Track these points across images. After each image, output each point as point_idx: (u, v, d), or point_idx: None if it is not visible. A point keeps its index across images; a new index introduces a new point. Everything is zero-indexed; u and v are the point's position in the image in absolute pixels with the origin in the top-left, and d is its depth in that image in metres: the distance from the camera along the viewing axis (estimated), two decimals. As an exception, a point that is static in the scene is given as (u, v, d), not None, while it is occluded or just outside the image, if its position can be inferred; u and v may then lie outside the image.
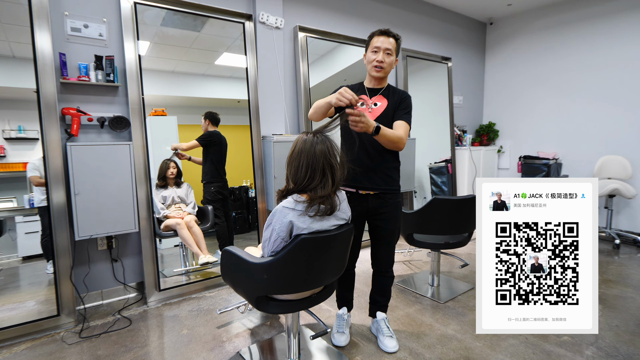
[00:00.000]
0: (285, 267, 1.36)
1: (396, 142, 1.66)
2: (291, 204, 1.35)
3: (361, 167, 1.77)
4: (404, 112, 1.77)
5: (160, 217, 2.65)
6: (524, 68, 4.75)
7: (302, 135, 1.44)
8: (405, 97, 1.81)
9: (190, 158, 2.84)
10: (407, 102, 1.80)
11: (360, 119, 1.49)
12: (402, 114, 1.77)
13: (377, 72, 1.75)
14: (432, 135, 4.40)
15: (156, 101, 2.61)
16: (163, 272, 2.67)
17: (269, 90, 3.07)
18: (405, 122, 1.75)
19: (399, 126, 1.73)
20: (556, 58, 4.45)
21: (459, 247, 2.55)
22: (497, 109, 5.06)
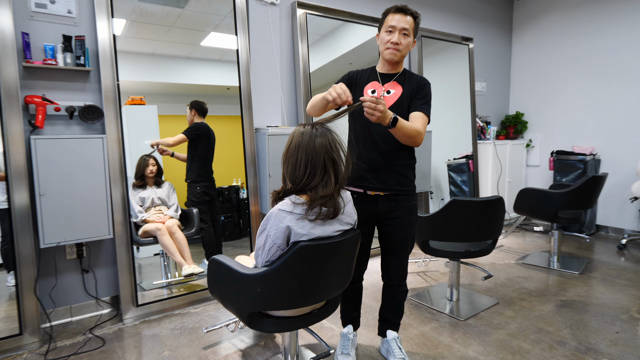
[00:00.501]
0: (281, 278, 1.36)
1: (414, 137, 1.65)
2: (288, 207, 1.35)
3: (371, 164, 1.76)
4: (422, 102, 1.76)
5: (138, 222, 2.65)
6: (557, 50, 4.73)
7: (299, 127, 1.43)
8: (424, 85, 1.79)
9: (173, 154, 2.84)
10: (425, 90, 1.78)
11: (377, 107, 1.47)
12: (420, 104, 1.75)
13: (392, 55, 1.74)
14: (450, 128, 4.39)
15: (133, 88, 2.60)
16: (141, 284, 2.66)
17: (263, 76, 3.07)
18: (424, 114, 1.74)
19: (416, 118, 1.71)
20: (595, 38, 4.43)
21: (481, 256, 2.55)
22: (526, 97, 5.05)
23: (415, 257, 3.60)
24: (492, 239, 2.49)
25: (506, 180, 4.64)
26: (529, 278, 3.16)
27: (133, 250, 2.51)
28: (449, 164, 4.39)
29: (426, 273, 3.28)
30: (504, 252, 3.84)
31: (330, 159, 1.38)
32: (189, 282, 2.81)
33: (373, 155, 1.77)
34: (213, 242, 2.91)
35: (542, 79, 4.87)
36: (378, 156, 1.77)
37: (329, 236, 1.40)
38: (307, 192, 1.37)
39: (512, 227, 4.16)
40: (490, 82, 4.93)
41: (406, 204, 1.82)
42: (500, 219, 2.43)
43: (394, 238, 1.84)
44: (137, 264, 2.67)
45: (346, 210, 1.47)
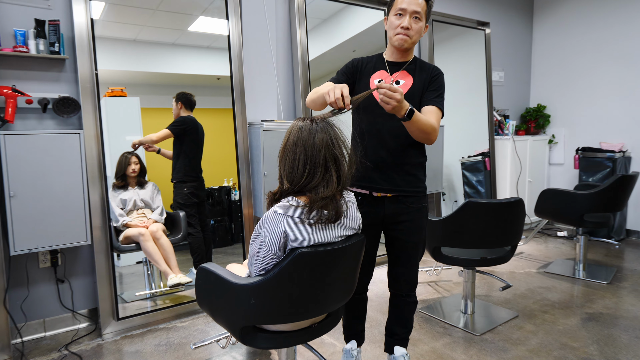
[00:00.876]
0: (277, 289, 1.36)
1: (429, 134, 1.65)
2: (285, 209, 1.35)
3: (377, 163, 1.76)
4: (436, 95, 1.75)
5: (119, 226, 2.65)
6: (583, 35, 4.73)
7: (297, 121, 1.43)
8: (437, 75, 1.79)
9: (159, 150, 2.84)
10: (439, 82, 1.78)
11: (394, 95, 1.46)
12: (434, 97, 1.75)
13: (402, 41, 1.74)
14: (465, 122, 4.39)
15: (113, 78, 2.60)
16: (122, 295, 2.66)
17: (257, 65, 3.07)
18: (437, 108, 1.73)
19: (429, 113, 1.71)
20: (625, 20, 4.43)
21: (499, 265, 2.55)
22: (548, 88, 5.05)
23: (426, 265, 3.60)
24: (511, 245, 2.49)
25: (526, 180, 4.64)
26: (551, 288, 3.16)
27: (113, 257, 2.51)
28: (463, 163, 4.39)
29: (438, 283, 3.28)
30: (524, 260, 3.84)
31: (331, 157, 1.37)
32: (175, 293, 2.81)
33: (380, 152, 1.77)
34: (202, 248, 2.91)
35: (566, 67, 4.88)
36: (385, 153, 1.77)
37: (330, 242, 1.40)
38: (306, 193, 1.37)
39: (533, 232, 4.16)
40: (508, 71, 4.93)
41: (416, 206, 1.82)
42: (519, 223, 2.43)
43: (402, 244, 1.84)
44: (118, 273, 2.67)
45: (349, 214, 1.47)
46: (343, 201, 1.43)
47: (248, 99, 2.99)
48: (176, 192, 2.88)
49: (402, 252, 1.86)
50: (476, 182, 4.36)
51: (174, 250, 2.72)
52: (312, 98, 1.74)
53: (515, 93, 5.05)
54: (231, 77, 2.90)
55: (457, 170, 4.40)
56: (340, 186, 1.40)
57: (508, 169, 4.46)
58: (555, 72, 4.97)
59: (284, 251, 1.36)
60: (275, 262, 1.36)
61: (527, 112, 5.07)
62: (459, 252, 2.56)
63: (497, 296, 3.01)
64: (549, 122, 5.01)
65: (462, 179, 4.39)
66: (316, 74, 3.26)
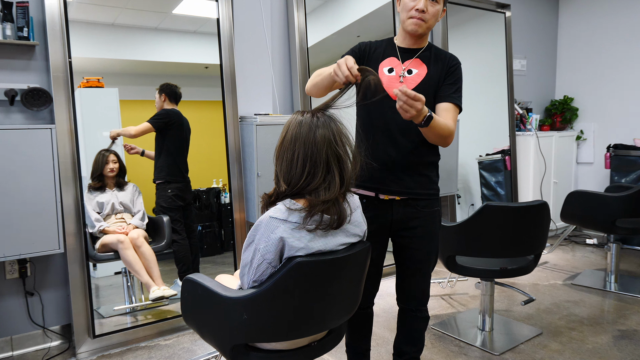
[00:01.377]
0: (273, 303, 1.36)
1: (445, 137, 1.67)
2: (282, 213, 1.35)
3: (384, 161, 1.76)
4: (454, 90, 1.76)
5: (95, 233, 2.65)
6: (615, 18, 4.73)
7: (295, 115, 1.43)
8: (455, 66, 1.79)
9: (144, 152, 2.85)
10: (457, 74, 1.78)
11: (415, 105, 1.46)
12: (451, 93, 1.75)
13: (416, 26, 1.73)
14: (482, 116, 4.39)
15: (89, 67, 2.61)
16: (99, 310, 2.67)
17: (250, 52, 3.07)
18: (455, 106, 1.74)
19: (446, 111, 1.72)
20: (660, 5, 4.43)
21: (521, 276, 2.55)
22: (576, 78, 5.06)
23: (439, 277, 3.60)
24: (534, 253, 2.50)
25: (551, 181, 4.65)
26: (579, 302, 3.16)
27: (89, 268, 2.51)
28: (480, 162, 4.39)
29: (452, 296, 3.29)
30: (549, 271, 3.84)
31: (334, 155, 1.38)
32: (159, 307, 2.82)
33: (387, 149, 1.77)
34: (188, 257, 2.91)
35: (597, 55, 4.88)
36: (394, 151, 1.77)
37: (331, 250, 1.40)
38: (305, 196, 1.37)
39: (559, 239, 4.17)
40: (531, 59, 4.94)
41: (428, 210, 1.82)
42: (544, 229, 2.43)
43: (412, 253, 1.84)
44: (94, 285, 2.67)
45: (353, 219, 1.47)
46: (346, 205, 1.43)
47: (240, 90, 3.00)
48: (159, 194, 2.88)
49: (411, 262, 1.86)
50: (495, 184, 4.37)
51: (156, 260, 2.72)
52: (314, 81, 1.74)
53: (538, 83, 5.05)
54: (221, 66, 2.91)
55: (473, 170, 4.40)
56: (344, 188, 1.40)
57: (531, 168, 4.46)
58: (584, 60, 4.98)
59: (280, 260, 1.36)
60: (271, 273, 1.37)
61: (552, 104, 5.07)
62: (475, 262, 2.56)
63: (518, 311, 3.01)
64: (576, 116, 5.01)
65: (479, 180, 4.40)
66: (316, 62, 3.26)
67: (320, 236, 1.38)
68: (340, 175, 1.39)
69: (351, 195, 1.51)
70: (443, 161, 1.97)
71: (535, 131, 4.49)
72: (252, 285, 1.39)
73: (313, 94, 1.79)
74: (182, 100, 2.90)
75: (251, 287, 1.39)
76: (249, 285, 1.40)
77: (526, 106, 4.76)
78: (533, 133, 4.46)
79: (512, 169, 4.42)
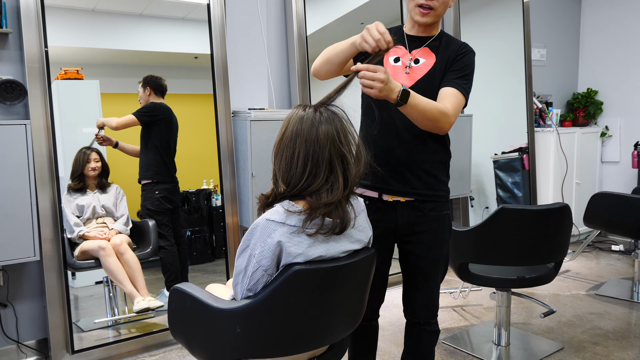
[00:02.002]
0: (269, 315, 1.36)
1: (436, 121, 1.65)
2: (280, 216, 1.35)
3: (389, 159, 1.77)
4: (458, 75, 1.75)
5: (75, 238, 2.66)
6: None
7: (296, 109, 1.43)
8: (464, 53, 1.79)
9: (117, 144, 2.83)
10: (465, 60, 1.78)
11: (376, 76, 1.45)
12: (454, 78, 1.75)
13: (424, 16, 1.74)
14: (498, 111, 4.39)
15: (67, 57, 2.61)
16: (78, 323, 2.66)
17: (243, 40, 3.07)
18: (458, 92, 1.73)
19: (446, 96, 1.71)
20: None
21: (540, 285, 2.55)
22: (601, 69, 5.06)
23: (450, 286, 3.60)
24: (555, 261, 2.50)
25: (574, 181, 4.65)
26: (604, 315, 3.16)
27: (67, 277, 2.51)
28: (495, 161, 4.39)
29: (465, 308, 3.29)
30: (571, 280, 3.84)
31: (338, 154, 1.38)
32: (144, 320, 2.81)
33: (392, 146, 1.77)
34: (176, 265, 2.91)
35: (623, 43, 4.88)
36: (399, 148, 1.77)
37: (333, 257, 1.40)
38: (305, 198, 1.38)
39: (582, 245, 4.17)
40: (552, 48, 4.94)
41: (436, 213, 1.83)
42: (565, 234, 2.44)
43: (419, 260, 1.85)
44: (73, 296, 2.67)
45: (357, 223, 1.48)
46: (350, 208, 1.43)
47: (232, 83, 3.00)
48: (145, 195, 2.88)
49: (419, 270, 1.86)
50: (512, 185, 4.37)
51: (141, 268, 2.72)
52: (327, 56, 1.72)
53: (560, 75, 5.05)
54: (212, 56, 2.91)
55: (488, 169, 4.40)
56: (348, 190, 1.40)
57: (551, 168, 4.47)
58: (609, 49, 4.98)
59: (277, 268, 1.37)
60: (267, 282, 1.37)
61: (574, 98, 5.08)
62: (490, 270, 2.56)
63: (537, 324, 3.01)
64: (601, 110, 5.02)
65: (494, 181, 4.40)
66: (315, 52, 3.25)
67: (321, 242, 1.38)
68: (344, 176, 1.39)
69: (355, 198, 1.51)
70: (454, 160, 1.98)
71: (555, 127, 4.50)
72: (246, 296, 1.39)
73: (321, 74, 1.78)
74: (169, 93, 2.90)
75: (245, 297, 1.39)
76: (242, 295, 1.40)
77: (546, 100, 4.76)
78: (553, 129, 4.46)
79: (530, 168, 4.42)
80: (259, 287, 1.38)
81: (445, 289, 3.51)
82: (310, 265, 1.34)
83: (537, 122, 4.60)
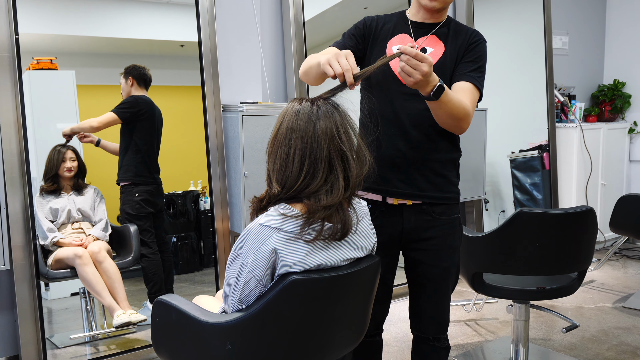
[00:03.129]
0: (263, 330, 1.36)
1: (460, 120, 1.66)
2: (275, 221, 1.35)
3: (393, 158, 1.77)
4: (473, 68, 1.76)
5: (48, 245, 2.65)
6: (674, -12, 4.74)
7: (292, 103, 1.43)
8: (477, 42, 1.80)
9: (99, 142, 2.84)
10: (479, 51, 1.79)
11: (420, 67, 1.43)
12: (469, 71, 1.76)
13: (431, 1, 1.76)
14: (515, 105, 4.40)
15: (40, 45, 2.61)
16: (52, 339, 2.66)
17: (234, 27, 3.07)
18: (474, 87, 1.74)
19: (463, 92, 1.72)
20: None
21: (561, 297, 2.55)
22: (629, 59, 5.06)
23: (463, 298, 3.60)
24: (578, 270, 2.50)
25: (599, 182, 4.65)
26: (632, 329, 3.16)
27: (40, 288, 2.51)
28: (512, 160, 4.40)
29: (478, 322, 3.29)
30: (596, 291, 3.84)
31: (337, 152, 1.38)
32: (124, 335, 2.81)
33: (397, 144, 1.78)
34: (160, 275, 2.91)
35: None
36: (405, 146, 1.78)
37: (333, 266, 1.40)
38: (303, 200, 1.38)
39: (608, 253, 4.17)
40: (575, 35, 4.94)
41: (446, 218, 1.83)
42: (589, 240, 2.44)
43: (428, 269, 1.85)
44: (46, 309, 2.67)
45: (360, 229, 1.48)
46: (352, 211, 1.44)
47: (222, 74, 3.00)
48: (125, 198, 2.88)
49: (427, 281, 1.86)
50: (530, 186, 4.37)
51: (121, 278, 2.72)
52: (304, 69, 1.74)
53: (583, 65, 5.06)
54: (199, 44, 2.91)
55: (504, 169, 4.41)
56: (349, 191, 1.41)
57: (574, 167, 4.47)
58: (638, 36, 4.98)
59: (271, 278, 1.37)
60: (260, 293, 1.37)
61: (599, 90, 5.08)
62: (507, 281, 2.56)
63: (558, 340, 3.01)
64: (629, 104, 5.02)
65: (511, 182, 4.40)
66: (314, 40, 3.27)
67: (320, 249, 1.38)
68: (345, 176, 1.39)
69: (358, 201, 1.52)
70: (467, 159, 1.98)
71: (579, 122, 4.50)
72: (237, 309, 1.39)
73: (307, 82, 1.80)
74: (153, 85, 2.91)
75: (237, 310, 1.39)
76: (234, 308, 1.40)
77: (568, 92, 4.77)
78: (577, 125, 4.47)
79: (551, 168, 4.43)
80: (252, 299, 1.37)
81: (457, 301, 3.51)
82: (309, 275, 1.34)
83: (558, 117, 4.60)
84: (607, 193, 4.72)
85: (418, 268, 1.87)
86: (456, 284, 1.93)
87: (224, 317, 1.39)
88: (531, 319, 3.21)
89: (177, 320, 1.47)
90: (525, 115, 4.49)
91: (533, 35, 4.46)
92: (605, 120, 4.92)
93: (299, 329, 1.39)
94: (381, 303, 1.90)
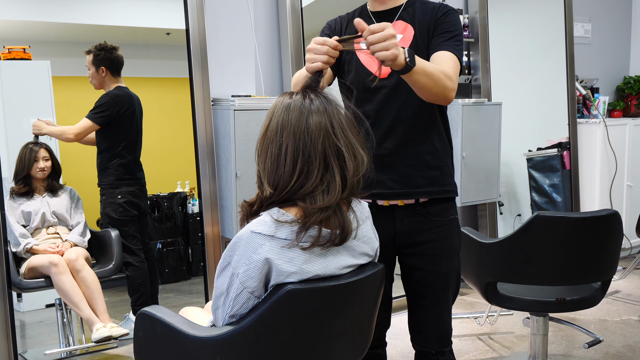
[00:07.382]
0: (256, 344, 1.36)
1: (443, 86, 1.65)
2: (268, 228, 1.35)
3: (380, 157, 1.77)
4: (447, 37, 1.78)
5: (21, 252, 2.65)
6: None
7: (282, 97, 1.43)
8: (445, 13, 1.82)
9: None
10: (449, 21, 1.81)
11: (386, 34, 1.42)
12: (444, 41, 1.78)
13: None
14: (532, 99, 4.40)
15: (12, 33, 2.61)
16: (25, 355, 2.66)
17: (225, 13, 3.07)
18: (453, 55, 1.76)
19: (442, 60, 1.74)
20: None
21: (583, 309, 2.55)
22: (656, 49, 5.05)
23: (475, 310, 3.60)
24: (602, 280, 2.49)
25: (624, 183, 4.65)
26: (661, 344, 3.16)
27: (12, 299, 2.50)
28: (529, 159, 4.39)
29: (492, 336, 3.28)
30: (621, 302, 3.84)
31: (333, 148, 1.38)
32: (105, 350, 2.81)
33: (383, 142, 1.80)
34: (147, 286, 2.91)
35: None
36: (390, 142, 1.80)
37: (333, 275, 1.40)
38: (297, 203, 1.38)
39: (635, 261, 4.17)
40: (598, 23, 4.94)
41: (442, 219, 1.84)
42: (614, 247, 2.43)
43: (425, 276, 1.85)
44: (19, 322, 2.67)
45: (361, 233, 1.48)
46: (352, 214, 1.44)
47: (212, 65, 3.00)
48: (105, 201, 2.88)
49: (426, 289, 1.87)
50: (549, 188, 4.37)
51: (101, 288, 2.72)
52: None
53: (608, 55, 5.06)
54: (187, 32, 2.91)
55: (521, 169, 4.41)
56: (347, 191, 1.40)
57: (597, 167, 4.47)
58: (666, 24, 4.99)
59: (265, 289, 1.37)
60: (253, 305, 1.37)
61: (625, 83, 5.08)
62: (523, 291, 2.56)
63: (580, 356, 3.01)
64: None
65: (528, 183, 4.40)
66: (312, 27, 3.27)
67: (318, 256, 1.38)
68: (342, 175, 1.39)
69: (357, 202, 1.52)
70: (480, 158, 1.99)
71: (602, 118, 4.50)
72: (228, 322, 1.39)
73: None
74: (135, 77, 2.90)
75: (227, 323, 1.39)
76: (224, 321, 1.40)
77: (591, 85, 4.77)
78: (600, 120, 4.46)
79: (572, 168, 4.43)
80: (244, 311, 1.37)
81: (469, 314, 3.51)
82: (306, 285, 1.34)
83: (580, 112, 4.60)
84: (634, 195, 4.72)
85: (414, 275, 1.88)
86: (457, 293, 1.94)
87: (214, 330, 1.39)
88: (550, 333, 3.21)
89: (163, 334, 1.48)
90: (543, 110, 4.49)
91: (552, 22, 4.45)
92: (632, 116, 4.91)
93: (295, 343, 1.39)
94: (381, 312, 1.89)
